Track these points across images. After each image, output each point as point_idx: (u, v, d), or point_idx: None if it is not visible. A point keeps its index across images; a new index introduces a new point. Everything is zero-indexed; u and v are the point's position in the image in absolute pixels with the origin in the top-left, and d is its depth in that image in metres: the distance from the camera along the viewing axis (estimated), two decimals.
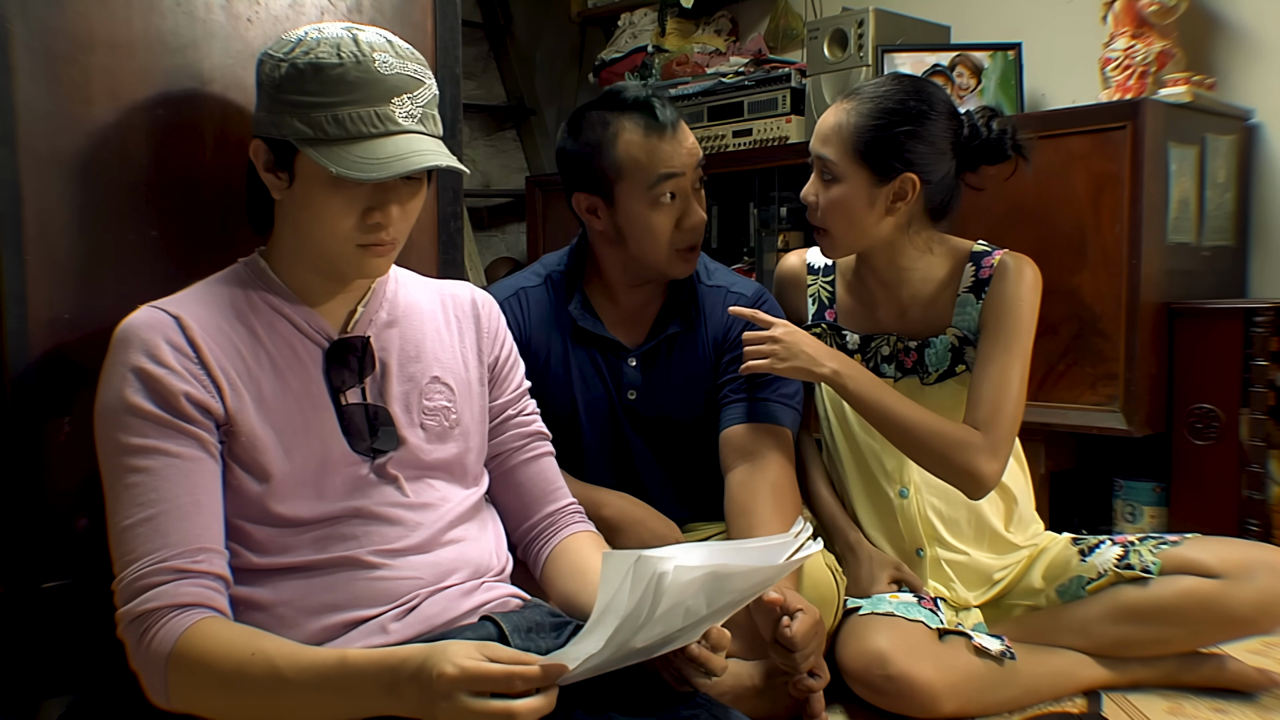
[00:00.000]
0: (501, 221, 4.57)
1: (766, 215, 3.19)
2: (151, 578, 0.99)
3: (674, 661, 1.07)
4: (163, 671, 0.98)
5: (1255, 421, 2.24)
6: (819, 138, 1.64)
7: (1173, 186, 2.35)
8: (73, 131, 1.20)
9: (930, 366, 1.70)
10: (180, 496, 1.02)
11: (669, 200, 1.60)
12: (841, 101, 1.64)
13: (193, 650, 0.97)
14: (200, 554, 1.02)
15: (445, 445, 1.20)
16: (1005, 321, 1.61)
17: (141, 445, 1.03)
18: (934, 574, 1.72)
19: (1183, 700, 1.63)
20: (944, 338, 1.69)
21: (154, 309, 1.09)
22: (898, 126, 1.58)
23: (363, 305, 1.19)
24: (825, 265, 1.82)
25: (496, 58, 4.59)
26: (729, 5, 3.79)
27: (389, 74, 1.07)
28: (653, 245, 1.63)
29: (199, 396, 1.05)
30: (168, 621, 0.98)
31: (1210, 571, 1.59)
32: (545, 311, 1.70)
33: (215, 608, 1.01)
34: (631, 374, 1.69)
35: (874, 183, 1.60)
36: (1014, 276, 1.63)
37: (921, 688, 1.51)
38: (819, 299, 1.82)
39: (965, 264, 1.69)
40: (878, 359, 1.74)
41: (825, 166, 1.62)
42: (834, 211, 1.63)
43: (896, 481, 1.72)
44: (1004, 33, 2.90)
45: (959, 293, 1.68)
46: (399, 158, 1.05)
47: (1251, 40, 2.61)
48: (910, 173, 1.59)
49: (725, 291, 1.73)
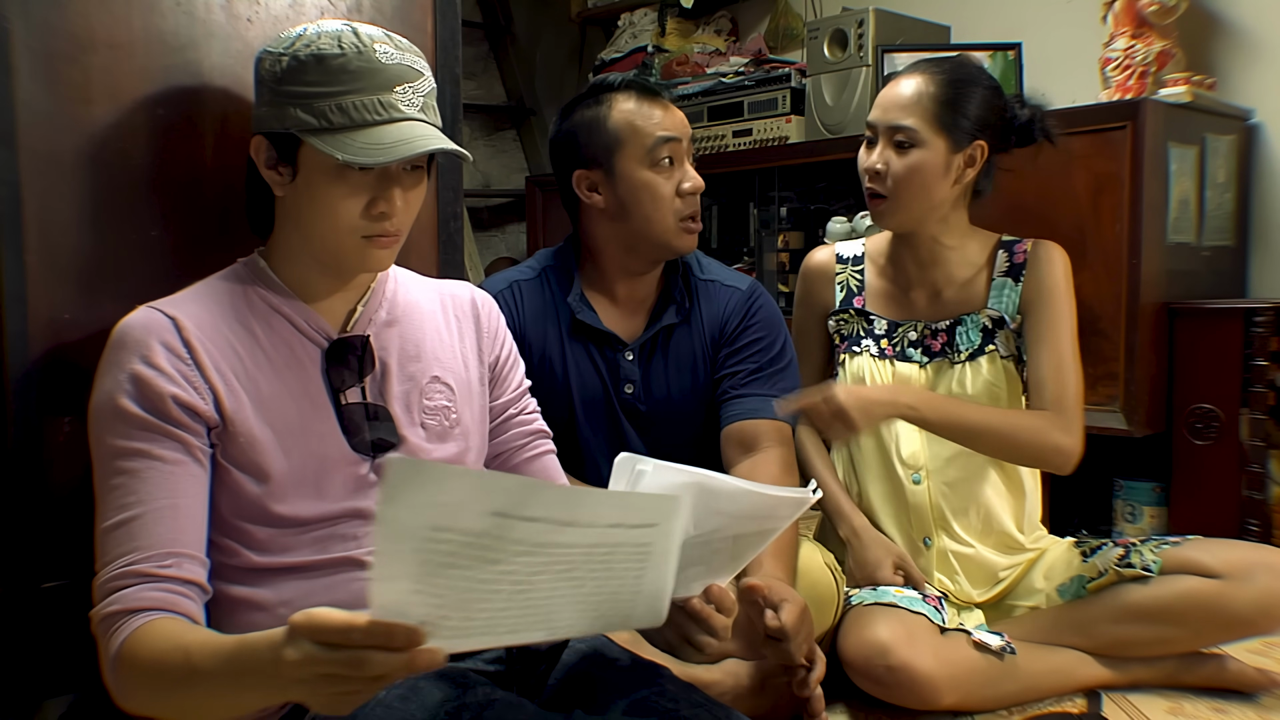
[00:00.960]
0: (501, 221, 4.57)
1: (766, 215, 3.19)
2: (118, 580, 0.99)
3: (675, 619, 1.04)
4: (114, 674, 0.98)
5: (1255, 421, 2.24)
6: (896, 107, 1.68)
7: (1173, 186, 2.36)
8: (73, 131, 1.20)
9: (961, 346, 1.73)
10: (157, 500, 1.02)
11: (668, 165, 1.62)
12: (908, 74, 1.70)
13: (132, 652, 0.96)
14: (169, 558, 1.01)
15: (445, 445, 1.20)
16: (1051, 303, 1.69)
17: (126, 448, 1.03)
18: (940, 565, 1.73)
19: (1183, 700, 1.63)
20: (976, 317, 1.74)
21: (151, 310, 1.08)
22: (975, 95, 1.68)
23: (362, 304, 1.19)
24: (855, 255, 1.87)
25: (496, 58, 4.59)
26: (729, 5, 3.79)
27: (390, 63, 1.07)
28: (657, 213, 1.63)
29: (188, 399, 1.05)
30: (122, 624, 0.97)
31: (1211, 572, 1.59)
32: (540, 305, 1.70)
33: (178, 610, 0.99)
34: (628, 367, 1.69)
35: (950, 149, 1.67)
36: (1052, 261, 1.71)
37: (922, 679, 1.52)
38: (847, 287, 1.86)
39: (997, 250, 1.76)
40: (904, 344, 1.78)
41: (904, 135, 1.67)
42: (910, 178, 1.67)
43: (911, 467, 1.73)
44: (1004, 33, 2.90)
45: (994, 276, 1.74)
46: (404, 142, 1.05)
47: (1251, 40, 2.61)
48: (981, 140, 1.68)
49: (719, 285, 1.74)
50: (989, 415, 1.64)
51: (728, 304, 1.71)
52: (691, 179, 1.64)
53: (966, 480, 1.71)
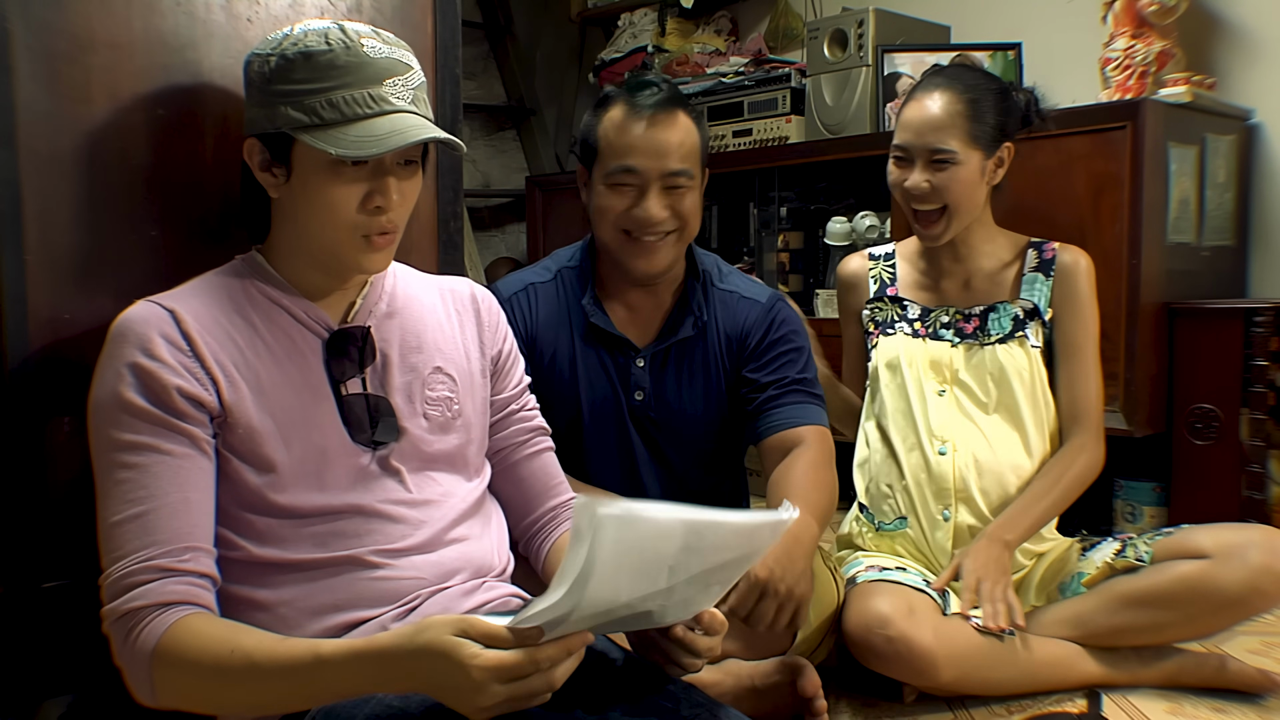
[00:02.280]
0: (501, 221, 4.57)
1: (767, 215, 3.19)
2: (138, 575, 0.99)
3: (659, 642, 1.07)
4: (147, 669, 0.98)
5: (1255, 421, 2.24)
6: (931, 130, 1.74)
7: (1173, 186, 2.36)
8: (73, 131, 1.20)
9: (992, 330, 1.80)
10: (170, 494, 1.02)
11: (627, 190, 1.59)
12: (929, 93, 1.75)
13: (176, 647, 0.97)
14: (187, 552, 1.02)
15: (447, 436, 1.20)
16: (1080, 317, 1.80)
17: (133, 441, 1.03)
18: (956, 541, 1.73)
19: (1183, 700, 1.63)
20: (1009, 305, 1.81)
21: (150, 303, 1.08)
22: (996, 104, 1.76)
23: (362, 297, 1.19)
24: (886, 252, 1.96)
25: (496, 58, 4.59)
26: (729, 5, 3.79)
27: (378, 57, 1.07)
28: (602, 235, 1.63)
29: (192, 391, 1.05)
30: (153, 619, 0.98)
31: (1202, 552, 1.60)
32: (554, 308, 1.68)
33: (201, 604, 1.01)
34: (639, 375, 1.67)
35: (985, 157, 1.76)
36: (1080, 270, 1.80)
37: (920, 652, 1.53)
38: (880, 279, 1.93)
39: (1026, 249, 1.84)
40: (937, 326, 1.84)
41: (943, 156, 1.73)
42: (958, 191, 1.75)
43: (939, 439, 1.76)
44: (1004, 33, 2.90)
45: (1024, 271, 1.83)
46: (396, 133, 1.05)
47: (1251, 40, 2.61)
48: (1007, 141, 1.79)
49: (739, 297, 1.72)
50: (1053, 498, 1.73)
51: (748, 317, 1.70)
52: (642, 208, 1.58)
53: (992, 457, 1.74)
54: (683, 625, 1.05)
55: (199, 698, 0.99)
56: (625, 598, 0.92)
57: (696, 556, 0.93)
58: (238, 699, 0.98)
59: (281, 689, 0.96)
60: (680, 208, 1.60)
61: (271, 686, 0.96)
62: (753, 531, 0.98)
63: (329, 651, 0.94)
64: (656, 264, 1.62)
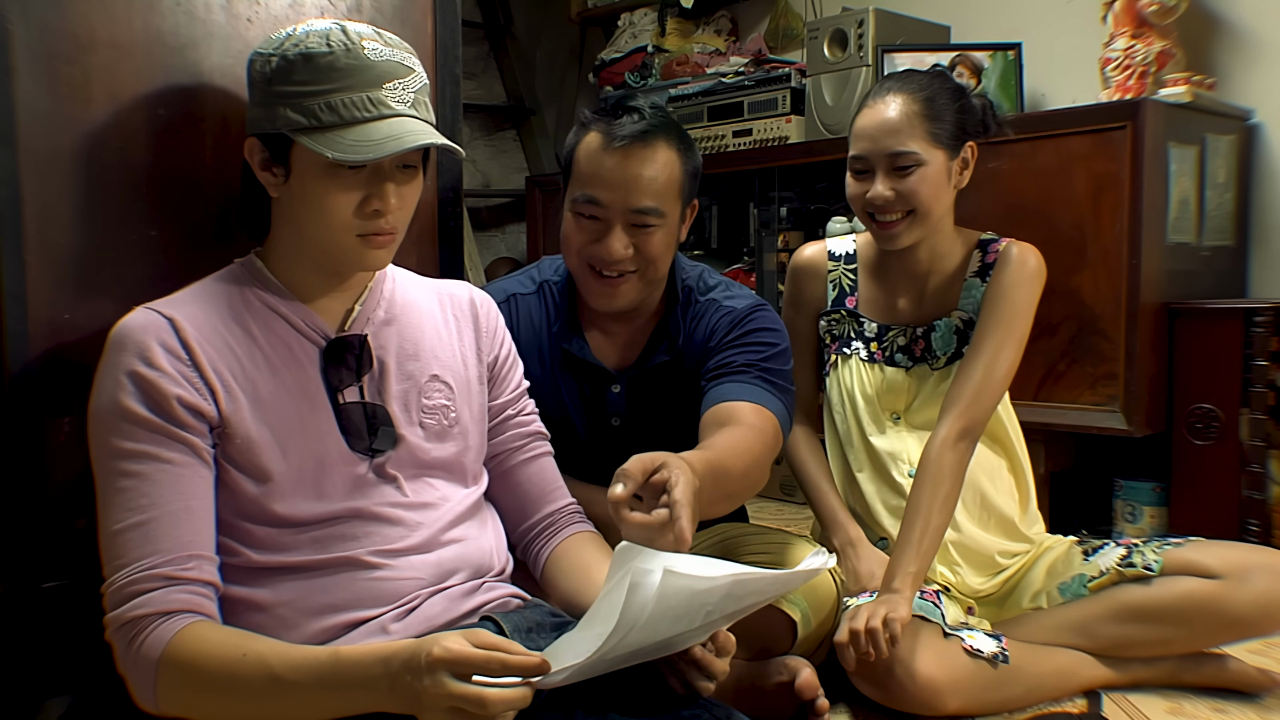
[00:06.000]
0: (501, 221, 4.57)
1: (767, 215, 3.19)
2: (141, 584, 0.99)
3: (677, 663, 1.07)
4: (152, 676, 0.98)
5: (1255, 421, 2.24)
6: (889, 135, 1.67)
7: (1173, 186, 2.35)
8: (73, 131, 1.20)
9: (937, 350, 1.75)
10: (172, 502, 1.02)
11: (587, 220, 1.51)
12: (883, 98, 1.69)
13: (183, 654, 0.97)
14: (190, 561, 1.02)
15: (444, 444, 1.20)
16: (1002, 309, 1.69)
17: (134, 450, 1.03)
18: (940, 556, 1.72)
19: (1183, 700, 1.63)
20: (949, 320, 1.75)
21: (148, 310, 1.08)
22: (954, 102, 1.70)
23: (360, 303, 1.19)
24: (848, 253, 1.87)
25: (496, 58, 4.59)
26: (729, 5, 3.79)
27: (379, 60, 1.07)
28: (564, 251, 1.57)
29: (191, 400, 1.05)
30: (157, 627, 0.98)
31: (1211, 573, 1.59)
32: (534, 325, 1.63)
33: (204, 613, 1.01)
34: (615, 401, 1.63)
35: (949, 158, 1.70)
36: (1016, 264, 1.71)
37: (924, 684, 1.51)
38: (840, 285, 1.86)
39: (974, 250, 1.77)
40: (893, 348, 1.79)
41: (905, 159, 1.67)
42: (923, 194, 1.68)
43: (904, 462, 1.74)
44: (1004, 33, 2.90)
45: (966, 277, 1.75)
46: (393, 138, 1.05)
47: (1251, 40, 2.61)
48: (970, 141, 1.73)
49: (716, 305, 1.63)
50: (936, 524, 1.59)
51: (717, 325, 1.60)
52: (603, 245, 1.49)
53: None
54: (699, 646, 1.05)
55: (206, 706, 0.99)
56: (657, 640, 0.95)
57: (733, 601, 0.98)
58: (248, 707, 0.97)
59: (295, 693, 0.95)
60: (645, 247, 1.51)
61: (288, 692, 0.95)
62: (789, 579, 1.04)
63: (349, 653, 0.95)
64: (615, 303, 1.55)
